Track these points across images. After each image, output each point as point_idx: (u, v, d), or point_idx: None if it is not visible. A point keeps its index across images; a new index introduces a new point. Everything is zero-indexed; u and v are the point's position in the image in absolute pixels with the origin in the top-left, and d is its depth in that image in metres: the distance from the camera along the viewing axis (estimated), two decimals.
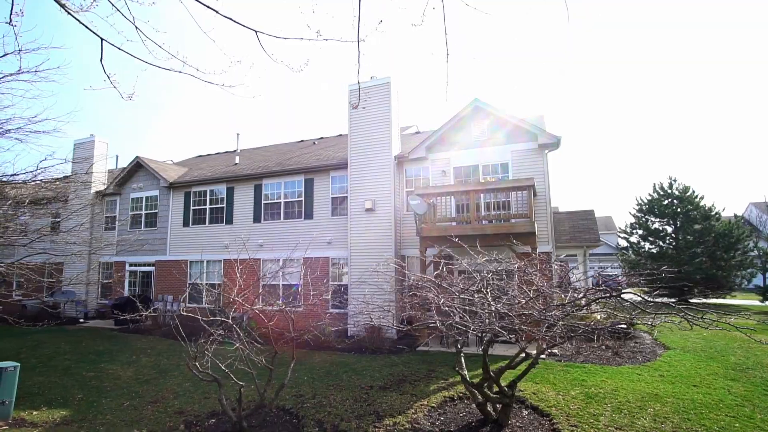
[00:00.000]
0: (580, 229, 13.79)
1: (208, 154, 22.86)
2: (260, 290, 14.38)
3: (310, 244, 14.11)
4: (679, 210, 22.24)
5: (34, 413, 6.64)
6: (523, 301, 5.58)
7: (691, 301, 21.87)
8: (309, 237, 14.20)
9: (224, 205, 15.92)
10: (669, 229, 22.83)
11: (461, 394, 7.05)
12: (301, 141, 21.55)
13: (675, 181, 23.00)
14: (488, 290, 6.06)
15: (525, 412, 6.43)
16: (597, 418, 5.99)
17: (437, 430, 5.92)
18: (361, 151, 13.15)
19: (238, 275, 6.86)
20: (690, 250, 21.73)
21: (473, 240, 10.66)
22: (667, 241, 22.74)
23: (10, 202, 8.86)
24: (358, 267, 12.55)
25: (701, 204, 21.98)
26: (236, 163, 17.92)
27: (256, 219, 15.25)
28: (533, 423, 6.01)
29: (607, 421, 5.86)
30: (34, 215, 18.73)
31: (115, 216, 18.10)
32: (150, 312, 6.26)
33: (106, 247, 17.89)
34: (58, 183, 17.11)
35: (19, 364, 6.60)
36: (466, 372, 6.09)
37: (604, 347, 10.20)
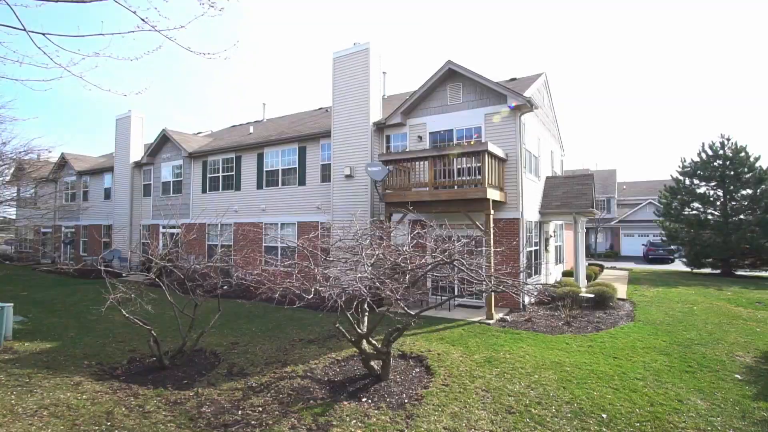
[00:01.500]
0: (574, 194, 13.03)
1: (233, 126, 24.30)
2: (262, 251, 15.71)
3: (302, 209, 14.99)
4: (730, 172, 19.74)
5: (26, 344, 8.25)
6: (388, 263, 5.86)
7: (737, 273, 19.78)
8: (302, 202, 15.04)
9: (233, 173, 17.17)
10: (715, 194, 20.45)
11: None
12: (319, 109, 22.07)
13: (728, 140, 20.29)
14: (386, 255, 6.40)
15: (416, 370, 6.76)
16: (474, 379, 6.18)
17: (326, 378, 6.51)
18: (343, 118, 13.41)
19: (239, 237, 7.81)
20: (737, 216, 19.42)
21: (431, 206, 10.73)
22: (714, 207, 20.45)
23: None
24: (338, 231, 13.12)
25: (756, 165, 19.31)
26: (250, 133, 19.01)
27: (259, 186, 16.32)
28: (413, 379, 6.35)
29: (481, 383, 6.04)
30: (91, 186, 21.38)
31: (150, 184, 20.25)
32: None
33: (144, 211, 20.24)
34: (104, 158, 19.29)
35: (12, 305, 8.21)
36: (347, 329, 6.59)
37: (564, 316, 9.93)
